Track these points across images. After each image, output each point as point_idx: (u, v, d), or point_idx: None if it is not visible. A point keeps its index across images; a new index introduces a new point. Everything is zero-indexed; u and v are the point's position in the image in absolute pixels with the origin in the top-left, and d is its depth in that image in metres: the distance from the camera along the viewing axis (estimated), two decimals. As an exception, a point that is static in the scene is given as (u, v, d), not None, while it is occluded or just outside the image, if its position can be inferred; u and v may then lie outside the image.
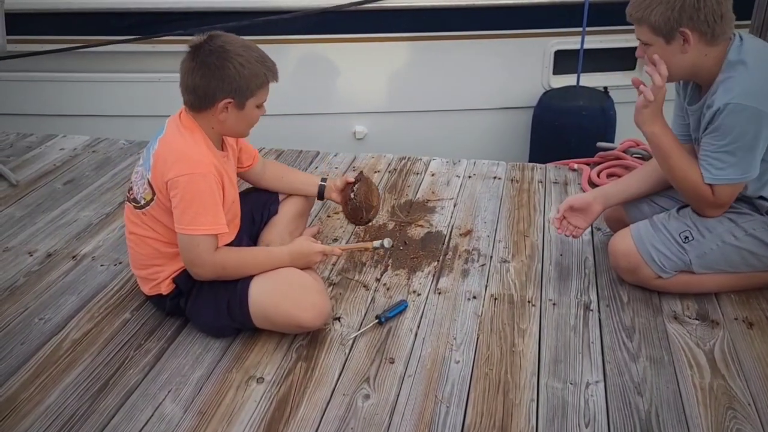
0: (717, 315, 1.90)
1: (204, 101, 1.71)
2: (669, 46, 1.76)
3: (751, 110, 1.69)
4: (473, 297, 2.01)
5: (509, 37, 3.43)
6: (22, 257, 2.26)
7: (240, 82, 1.68)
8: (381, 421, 1.57)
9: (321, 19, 3.42)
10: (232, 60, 1.66)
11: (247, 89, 1.70)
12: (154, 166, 1.73)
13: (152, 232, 1.80)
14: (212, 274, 1.76)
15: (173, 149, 1.72)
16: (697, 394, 1.62)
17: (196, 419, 1.58)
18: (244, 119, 1.77)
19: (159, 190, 1.73)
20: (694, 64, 1.78)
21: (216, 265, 1.74)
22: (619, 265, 1.99)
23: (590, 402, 1.61)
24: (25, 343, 1.84)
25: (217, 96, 1.69)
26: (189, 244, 1.71)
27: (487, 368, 1.72)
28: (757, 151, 1.73)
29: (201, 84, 1.68)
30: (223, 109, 1.71)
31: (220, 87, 1.68)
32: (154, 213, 1.77)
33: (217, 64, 1.66)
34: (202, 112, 1.74)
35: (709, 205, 1.85)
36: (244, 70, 1.67)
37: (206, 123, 1.76)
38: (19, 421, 1.57)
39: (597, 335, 1.83)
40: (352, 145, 3.71)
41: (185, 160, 1.69)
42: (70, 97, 3.78)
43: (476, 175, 2.81)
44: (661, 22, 1.72)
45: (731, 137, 1.72)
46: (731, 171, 1.76)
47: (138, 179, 1.80)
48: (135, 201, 1.81)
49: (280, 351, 1.79)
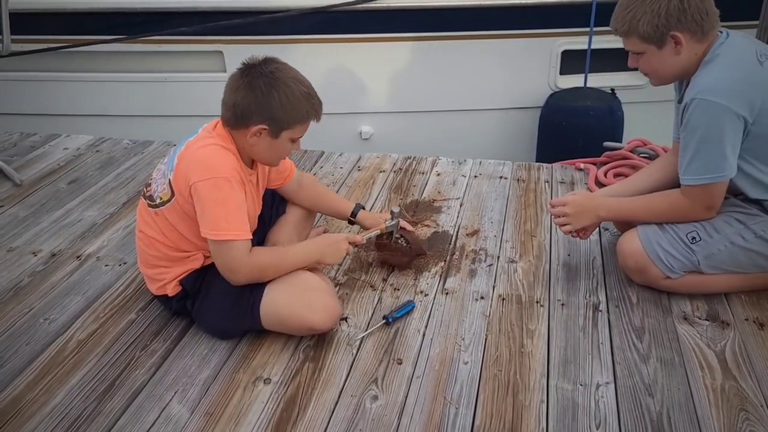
0: (727, 316, 1.88)
1: (240, 120, 1.69)
2: (661, 51, 1.77)
3: (714, 105, 1.69)
4: (481, 297, 2.00)
5: (516, 37, 3.42)
6: (26, 257, 2.25)
7: (280, 112, 1.67)
8: (390, 422, 1.55)
9: (328, 19, 3.41)
10: (279, 88, 1.65)
11: (285, 121, 1.69)
12: (177, 167, 1.71)
13: (161, 235, 1.78)
14: (249, 278, 1.73)
15: (199, 154, 1.70)
16: (709, 396, 1.61)
17: (203, 420, 1.56)
18: (275, 149, 1.75)
19: (180, 193, 1.70)
20: (686, 64, 1.78)
21: (253, 267, 1.72)
22: (628, 265, 1.98)
23: (601, 403, 1.59)
24: (30, 343, 1.82)
25: (253, 118, 1.67)
26: (222, 249, 1.68)
27: (496, 369, 1.71)
28: (726, 148, 1.72)
29: (241, 103, 1.66)
30: (256, 133, 1.69)
31: (258, 111, 1.66)
32: (168, 215, 1.75)
33: (263, 88, 1.65)
34: (235, 129, 1.72)
35: (696, 213, 1.84)
36: (288, 102, 1.66)
37: (239, 140, 1.74)
38: (25, 422, 1.56)
39: (606, 336, 1.82)
40: (358, 145, 3.70)
41: (209, 165, 1.67)
42: (73, 96, 3.77)
43: (482, 175, 2.80)
44: (650, 30, 1.73)
45: (699, 134, 1.72)
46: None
47: (158, 177, 1.79)
48: (151, 199, 1.79)
49: (287, 351, 1.78)
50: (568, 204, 2.00)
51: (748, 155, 1.76)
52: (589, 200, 2.02)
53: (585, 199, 2.03)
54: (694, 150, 1.74)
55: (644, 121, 3.22)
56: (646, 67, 1.83)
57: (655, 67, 1.81)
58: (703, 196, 1.81)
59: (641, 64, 1.83)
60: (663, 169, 2.05)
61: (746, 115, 1.69)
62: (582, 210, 1.98)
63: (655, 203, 1.92)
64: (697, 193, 1.80)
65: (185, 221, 1.73)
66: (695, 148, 1.74)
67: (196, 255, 1.80)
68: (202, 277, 1.81)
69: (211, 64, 3.57)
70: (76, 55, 3.62)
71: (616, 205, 2.00)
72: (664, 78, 1.85)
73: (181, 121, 3.61)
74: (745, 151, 1.75)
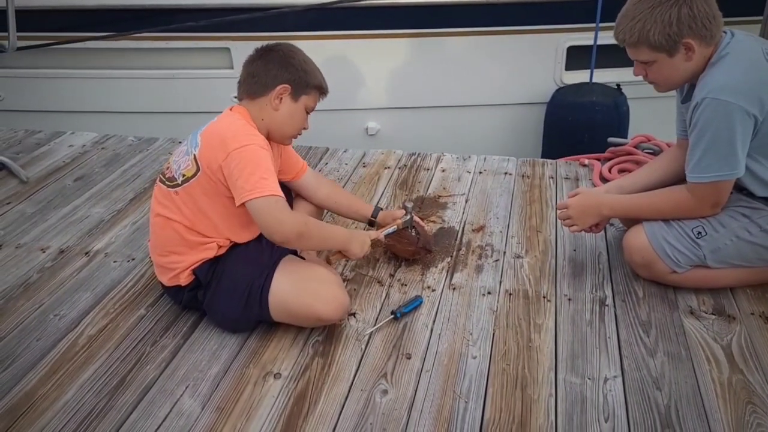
0: (733, 310, 1.89)
1: (261, 87, 1.79)
2: (673, 59, 1.77)
3: (724, 104, 1.69)
4: (488, 292, 2.01)
5: (522, 33, 3.43)
6: (34, 254, 2.26)
7: (301, 73, 1.79)
8: (400, 416, 1.57)
9: (334, 16, 3.42)
10: (297, 54, 1.81)
11: (306, 83, 1.81)
12: (203, 142, 1.76)
13: (179, 214, 1.79)
14: (296, 231, 1.72)
15: (233, 127, 1.76)
16: (716, 389, 1.62)
17: (214, 415, 1.58)
18: (293, 117, 1.84)
19: (207, 166, 1.73)
20: (696, 67, 1.79)
21: (298, 220, 1.76)
22: (634, 260, 1.99)
23: (609, 397, 1.61)
24: (41, 339, 1.84)
25: (277, 80, 1.78)
26: (264, 206, 1.68)
27: (504, 363, 1.72)
28: (737, 146, 1.72)
29: (262, 71, 1.78)
30: (278, 96, 1.79)
31: (279, 74, 1.78)
32: (191, 190, 1.76)
33: (281, 56, 1.79)
34: (256, 98, 1.80)
35: (701, 210, 1.85)
36: (307, 66, 1.81)
37: (257, 113, 1.81)
38: (38, 417, 1.57)
39: (613, 330, 1.83)
40: (364, 141, 3.71)
41: (245, 133, 1.74)
42: (77, 93, 3.78)
43: (487, 171, 2.81)
44: (662, 39, 1.73)
45: (709, 133, 1.72)
46: (713, 169, 1.75)
47: (179, 158, 1.82)
48: (171, 180, 1.81)
49: (296, 347, 1.79)
50: (570, 207, 2.00)
51: (757, 153, 1.77)
52: (591, 199, 2.02)
53: (587, 198, 2.03)
54: (704, 148, 1.74)
55: (650, 117, 3.23)
56: (656, 75, 1.82)
57: (666, 75, 1.81)
58: (710, 194, 1.81)
59: (651, 72, 1.82)
60: (668, 164, 2.06)
61: (757, 114, 1.70)
62: (584, 210, 1.99)
63: (659, 201, 1.92)
64: (704, 190, 1.81)
65: (206, 197, 1.76)
66: (705, 146, 1.73)
67: (211, 243, 1.80)
68: (214, 267, 1.82)
69: (219, 61, 3.57)
70: (81, 51, 3.63)
71: (619, 203, 2.00)
72: (673, 85, 1.86)
73: (187, 118, 3.62)
74: (753, 149, 1.76)
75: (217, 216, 1.78)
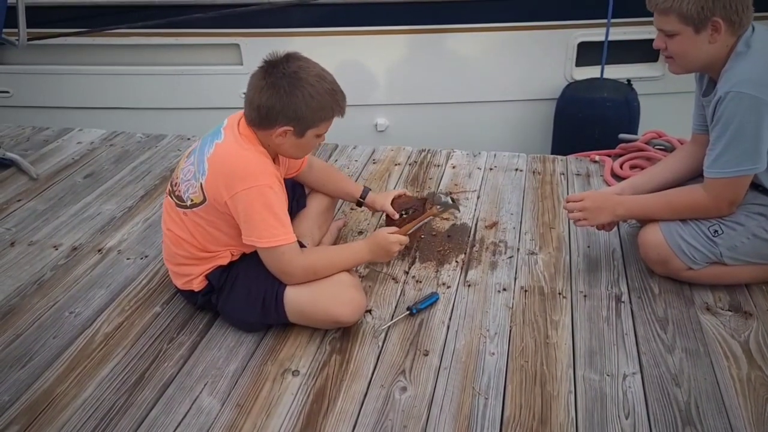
0: (749, 306, 1.89)
1: (265, 121, 1.68)
2: (698, 35, 1.73)
3: (750, 98, 1.67)
4: (503, 289, 2.00)
5: (533, 29, 3.42)
6: (47, 251, 2.25)
7: (305, 112, 1.66)
8: (419, 413, 1.57)
9: (344, 11, 3.40)
10: (303, 89, 1.64)
11: (311, 121, 1.68)
12: (210, 172, 1.70)
13: (189, 235, 1.77)
14: (303, 278, 1.75)
15: (238, 162, 1.68)
16: (735, 385, 1.62)
17: (234, 412, 1.58)
18: (301, 146, 1.76)
19: (214, 199, 1.69)
20: (715, 55, 1.76)
21: (307, 269, 1.74)
22: (649, 256, 1.99)
23: (629, 393, 1.61)
24: (57, 336, 1.83)
25: (278, 120, 1.67)
26: (273, 255, 1.70)
27: (522, 360, 1.72)
28: (761, 141, 1.71)
29: (266, 104, 1.65)
30: (281, 134, 1.69)
31: (283, 113, 1.65)
32: (201, 214, 1.74)
33: (287, 89, 1.63)
34: (260, 130, 1.72)
35: (718, 209, 1.84)
36: (312, 101, 1.65)
37: (264, 139, 1.73)
38: (58, 414, 1.57)
39: (630, 327, 1.83)
40: (374, 137, 3.70)
41: (251, 173, 1.66)
42: (85, 90, 3.77)
43: (497, 167, 2.80)
44: (694, 11, 1.70)
45: (733, 127, 1.71)
46: (734, 164, 1.74)
47: (187, 178, 1.76)
48: (180, 199, 1.78)
49: (313, 344, 1.79)
50: (586, 198, 1.98)
51: None
52: (607, 199, 2.00)
53: (603, 196, 2.02)
54: (726, 142, 1.73)
55: (661, 113, 3.22)
56: (676, 48, 1.78)
57: (686, 50, 1.76)
58: (728, 190, 1.80)
59: (672, 44, 1.77)
60: (683, 161, 2.05)
61: None
62: (599, 206, 1.97)
63: (675, 201, 1.91)
64: (722, 186, 1.80)
65: (216, 225, 1.74)
66: (728, 140, 1.72)
67: (224, 253, 1.80)
68: (227, 272, 1.81)
69: (228, 57, 3.56)
70: (88, 48, 3.62)
71: (634, 203, 1.98)
72: (689, 65, 1.82)
73: (196, 114, 3.62)
74: None
75: (226, 238, 1.77)
